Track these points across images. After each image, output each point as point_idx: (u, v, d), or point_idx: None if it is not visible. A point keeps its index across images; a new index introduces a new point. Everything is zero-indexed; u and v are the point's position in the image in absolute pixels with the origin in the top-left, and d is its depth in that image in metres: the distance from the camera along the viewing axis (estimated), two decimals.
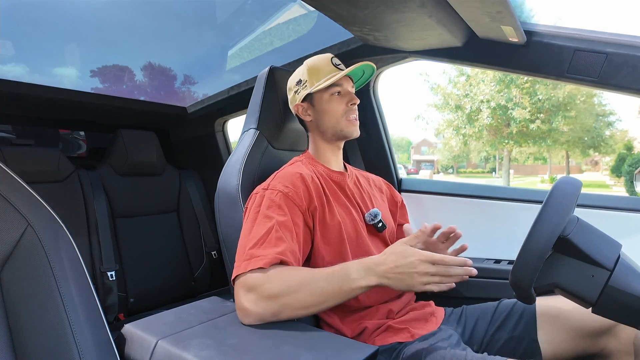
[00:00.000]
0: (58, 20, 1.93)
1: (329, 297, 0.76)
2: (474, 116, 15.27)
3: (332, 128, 1.02)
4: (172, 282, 1.94)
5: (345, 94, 1.02)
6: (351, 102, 1.01)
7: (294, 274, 0.77)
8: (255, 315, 0.77)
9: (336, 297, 0.76)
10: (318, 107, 1.03)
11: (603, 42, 1.04)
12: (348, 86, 1.03)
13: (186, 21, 2.22)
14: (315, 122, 1.05)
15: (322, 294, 0.75)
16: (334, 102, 1.01)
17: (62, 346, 0.64)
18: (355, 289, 0.75)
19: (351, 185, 1.06)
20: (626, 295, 0.66)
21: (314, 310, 0.77)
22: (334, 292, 0.75)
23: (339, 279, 0.76)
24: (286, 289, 0.75)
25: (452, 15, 1.07)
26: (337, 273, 0.77)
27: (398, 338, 0.91)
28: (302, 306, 0.76)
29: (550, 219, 0.69)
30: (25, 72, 1.91)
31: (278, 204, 0.87)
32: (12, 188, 0.69)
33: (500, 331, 0.99)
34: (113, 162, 1.90)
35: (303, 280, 0.76)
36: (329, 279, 0.76)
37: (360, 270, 0.76)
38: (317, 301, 0.75)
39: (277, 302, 0.75)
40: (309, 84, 1.03)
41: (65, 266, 0.68)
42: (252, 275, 0.77)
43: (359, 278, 0.75)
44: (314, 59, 1.05)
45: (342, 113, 1.01)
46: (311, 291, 0.75)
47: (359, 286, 0.75)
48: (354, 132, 1.03)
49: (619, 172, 15.40)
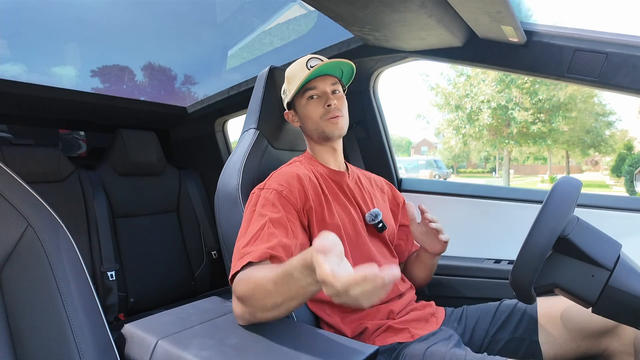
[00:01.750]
0: (57, 20, 1.93)
1: (285, 297, 0.68)
2: (474, 116, 15.27)
3: (315, 131, 1.02)
4: (172, 282, 1.94)
5: (321, 95, 1.00)
6: (327, 103, 0.99)
7: (254, 275, 0.73)
8: (240, 317, 0.76)
9: (292, 297, 0.67)
10: (300, 112, 1.04)
11: (603, 42, 1.04)
12: (325, 86, 1.00)
13: (186, 21, 2.22)
14: (302, 127, 1.06)
15: (277, 295, 0.68)
16: (311, 106, 1.00)
17: (62, 346, 0.64)
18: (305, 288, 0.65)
19: (352, 184, 1.06)
20: (626, 295, 0.66)
21: (280, 311, 0.70)
22: (285, 292, 0.67)
23: (286, 280, 0.66)
24: (247, 291, 0.72)
25: (452, 15, 1.07)
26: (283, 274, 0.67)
27: (398, 338, 0.91)
28: (265, 308, 0.71)
29: (550, 219, 0.69)
30: (24, 72, 1.90)
31: (272, 202, 0.88)
32: (12, 188, 0.69)
33: (501, 332, 0.98)
34: (113, 162, 1.90)
35: (257, 282, 0.70)
36: (277, 280, 0.67)
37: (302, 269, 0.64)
38: (275, 303, 0.69)
39: (246, 304, 0.74)
40: (287, 92, 1.04)
41: (65, 266, 0.68)
42: (238, 275, 0.78)
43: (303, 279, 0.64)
44: (292, 65, 1.04)
45: (319, 115, 0.99)
46: (263, 293, 0.70)
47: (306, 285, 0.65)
48: (335, 131, 1.00)
49: (619, 172, 15.39)
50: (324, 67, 0.96)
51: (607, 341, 0.88)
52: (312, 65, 0.99)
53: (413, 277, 1.13)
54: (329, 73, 1.01)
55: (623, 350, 0.86)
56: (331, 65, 0.97)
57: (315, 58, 1.01)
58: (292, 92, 1.00)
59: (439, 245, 1.03)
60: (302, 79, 0.97)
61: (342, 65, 0.99)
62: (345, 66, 1.00)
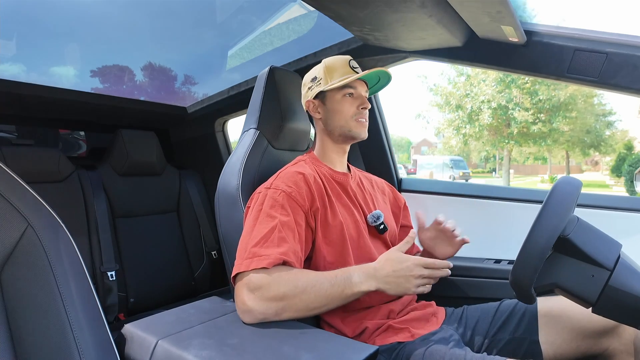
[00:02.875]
0: (57, 20, 1.92)
1: (332, 300, 0.79)
2: (475, 116, 15.27)
3: (340, 128, 1.02)
4: (172, 282, 1.94)
5: (357, 97, 1.02)
6: (362, 105, 1.01)
7: (300, 275, 0.80)
8: (259, 315, 0.77)
9: (338, 300, 0.80)
10: (329, 105, 1.03)
11: (603, 42, 1.04)
12: (362, 90, 1.03)
13: (186, 21, 2.22)
14: (325, 120, 1.05)
15: (326, 297, 0.78)
16: (346, 103, 1.01)
17: (62, 346, 0.64)
18: (355, 293, 0.80)
19: (354, 186, 1.06)
20: (626, 295, 0.66)
21: (315, 312, 0.80)
22: (336, 295, 0.79)
23: (342, 282, 0.80)
24: (292, 290, 0.77)
25: (452, 15, 1.07)
26: (340, 277, 0.80)
27: (398, 338, 0.91)
28: (306, 308, 0.78)
29: (550, 219, 0.69)
30: (22, 71, 1.90)
31: (281, 204, 0.87)
32: (12, 188, 0.69)
33: (501, 332, 0.98)
34: (113, 162, 1.90)
35: (309, 283, 0.78)
36: (333, 282, 0.79)
37: (361, 275, 0.81)
38: (320, 303, 0.79)
39: (281, 303, 0.77)
40: (323, 82, 1.03)
41: (65, 266, 0.68)
42: (256, 275, 0.78)
43: (360, 282, 0.80)
44: (333, 58, 1.05)
45: (352, 114, 1.01)
46: (316, 293, 0.78)
47: (359, 290, 0.80)
48: (362, 133, 1.03)
49: (619, 172, 15.40)
50: (374, 72, 1.01)
51: (607, 341, 0.88)
52: (354, 67, 1.03)
53: None
54: (369, 79, 1.06)
55: (623, 350, 0.86)
56: (378, 72, 1.02)
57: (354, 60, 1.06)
58: (333, 85, 1.00)
59: (450, 248, 1.05)
60: (347, 76, 1.00)
61: (383, 75, 1.06)
62: (384, 77, 1.07)
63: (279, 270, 0.79)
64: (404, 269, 0.81)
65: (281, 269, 0.79)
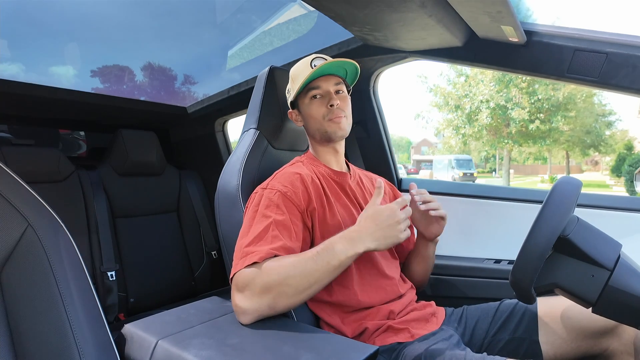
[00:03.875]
0: (56, 20, 1.92)
1: (320, 276, 0.77)
2: (474, 116, 15.27)
3: (317, 131, 1.02)
4: (172, 282, 1.94)
5: (324, 95, 0.99)
6: (329, 103, 0.98)
7: (282, 262, 0.78)
8: (253, 312, 0.77)
9: (326, 274, 0.78)
10: (303, 112, 1.03)
11: (603, 42, 1.04)
12: (328, 86, 0.99)
13: (186, 21, 2.22)
14: (305, 126, 1.06)
15: (312, 274, 0.77)
16: (314, 106, 1.00)
17: (63, 346, 0.64)
18: (343, 261, 0.78)
19: (353, 185, 1.06)
20: (626, 295, 0.66)
21: (308, 293, 0.78)
22: (322, 269, 0.77)
23: (325, 255, 0.78)
24: (277, 278, 0.76)
25: (452, 15, 1.07)
26: (323, 251, 0.79)
27: (398, 338, 0.90)
28: (296, 291, 0.77)
29: (550, 219, 0.69)
30: (21, 71, 1.90)
31: (276, 204, 0.87)
32: (12, 188, 0.69)
33: (501, 332, 0.98)
34: (113, 162, 1.90)
35: (291, 266, 0.77)
36: (316, 258, 0.78)
37: (344, 242, 0.79)
38: (309, 283, 0.77)
39: (271, 293, 0.76)
40: (291, 91, 1.04)
41: (65, 266, 0.68)
42: (241, 274, 0.78)
43: (344, 249, 0.78)
44: (296, 64, 1.04)
45: (322, 115, 0.99)
46: (301, 273, 0.76)
47: (346, 257, 0.78)
48: (338, 131, 1.00)
49: (619, 172, 15.40)
50: (327, 66, 0.95)
51: (607, 341, 0.88)
52: (316, 65, 0.98)
53: (412, 273, 1.13)
54: (333, 73, 1.00)
55: (623, 350, 0.86)
56: (335, 65, 0.97)
57: (319, 57, 1.01)
58: (295, 91, 1.00)
59: (435, 226, 1.04)
60: (305, 77, 0.96)
61: (346, 65, 0.99)
62: (349, 66, 0.99)
63: (265, 263, 0.78)
64: (385, 218, 0.80)
65: (264, 262, 0.78)
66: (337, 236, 0.81)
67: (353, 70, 1.02)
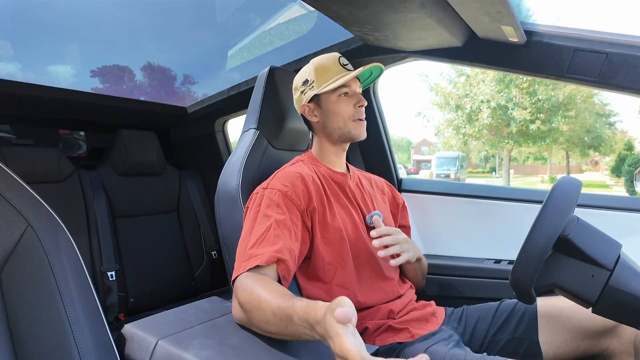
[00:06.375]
0: (54, 19, 1.92)
1: (279, 330, 0.66)
2: (474, 116, 15.27)
3: (339, 130, 1.01)
4: (172, 282, 1.94)
5: (353, 95, 1.00)
6: (359, 103, 0.99)
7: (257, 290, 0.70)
8: (239, 320, 0.76)
9: (286, 333, 0.66)
10: (325, 108, 1.01)
11: (603, 42, 1.04)
12: (356, 87, 1.01)
13: (186, 21, 2.22)
14: (322, 123, 1.03)
15: (273, 325, 0.66)
16: (342, 104, 0.99)
17: (62, 346, 0.64)
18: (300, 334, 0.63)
19: (353, 186, 1.06)
20: (626, 295, 0.66)
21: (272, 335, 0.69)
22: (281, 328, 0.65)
23: (284, 318, 0.64)
24: (247, 304, 0.70)
25: (452, 15, 1.07)
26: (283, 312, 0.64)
27: (398, 338, 0.91)
28: (261, 329, 0.69)
29: (550, 219, 0.69)
30: (19, 70, 1.90)
31: (277, 203, 0.87)
32: (12, 188, 0.69)
33: (501, 332, 0.99)
34: (113, 162, 1.90)
35: (259, 303, 0.68)
36: (276, 313, 0.65)
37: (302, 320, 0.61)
38: (269, 330, 0.68)
39: (245, 313, 0.72)
40: (315, 85, 1.00)
41: (65, 266, 0.68)
42: (240, 277, 0.77)
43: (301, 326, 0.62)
44: (321, 58, 1.03)
45: (349, 115, 0.99)
46: (263, 318, 0.67)
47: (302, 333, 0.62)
48: (362, 134, 1.01)
49: (619, 172, 15.41)
50: (368, 69, 0.98)
51: (607, 341, 0.88)
52: (344, 64, 1.01)
53: (409, 279, 1.13)
54: (362, 75, 1.03)
55: (623, 350, 0.86)
56: (369, 69, 0.99)
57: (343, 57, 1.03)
58: (329, 87, 0.97)
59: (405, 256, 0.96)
60: (340, 75, 0.98)
61: (375, 69, 1.02)
62: (377, 70, 1.03)
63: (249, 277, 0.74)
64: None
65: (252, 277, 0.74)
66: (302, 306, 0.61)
67: (375, 75, 1.07)
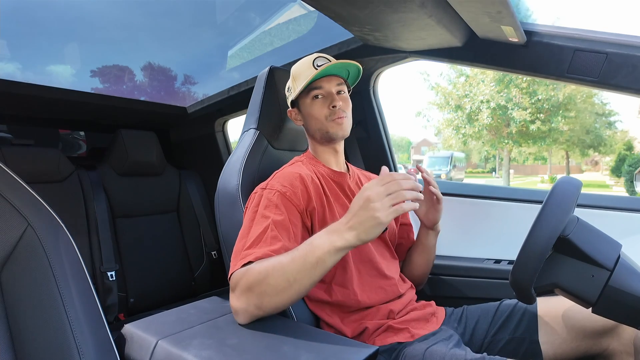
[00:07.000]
0: (56, 20, 1.92)
1: (297, 274, 0.71)
2: (474, 116, 15.27)
3: (319, 131, 1.01)
4: (172, 282, 1.94)
5: (327, 96, 0.99)
6: (332, 104, 0.98)
7: (265, 262, 0.75)
8: (242, 312, 0.76)
9: (304, 272, 0.70)
10: (303, 111, 1.03)
11: (603, 42, 1.04)
12: (331, 86, 0.99)
13: (186, 21, 2.22)
14: (305, 126, 1.05)
15: (291, 272, 0.71)
16: (316, 106, 0.99)
17: (62, 346, 0.64)
18: (320, 257, 0.70)
19: (352, 185, 1.06)
20: (626, 295, 0.66)
21: (290, 293, 0.72)
22: (300, 267, 0.70)
23: (303, 251, 0.71)
24: (258, 277, 0.73)
25: (452, 15, 1.07)
26: (302, 246, 0.73)
27: (398, 338, 0.91)
28: (276, 291, 0.72)
29: (550, 219, 0.69)
30: (18, 70, 1.90)
31: (275, 204, 0.87)
32: (12, 188, 0.69)
33: (501, 332, 0.99)
34: (113, 162, 1.90)
35: (272, 265, 0.73)
36: (294, 255, 0.72)
37: (322, 236, 0.71)
38: (287, 282, 0.71)
39: (254, 292, 0.74)
40: (292, 90, 1.03)
41: (65, 266, 0.68)
42: (235, 274, 0.78)
43: (322, 244, 0.70)
44: (298, 62, 1.03)
45: (325, 115, 0.99)
46: (279, 273, 0.71)
47: (323, 252, 0.70)
48: (339, 132, 0.99)
49: (619, 172, 15.42)
50: (331, 67, 0.95)
51: (607, 341, 0.88)
52: (319, 65, 0.98)
53: (413, 265, 1.13)
54: (336, 74, 1.00)
55: (623, 350, 0.86)
56: (338, 66, 0.96)
57: (322, 57, 1.01)
58: (298, 91, 0.99)
59: (432, 212, 1.07)
60: (309, 78, 0.96)
61: (349, 67, 0.99)
62: (352, 67, 0.99)
63: (255, 263, 0.77)
64: (360, 204, 0.69)
65: (257, 262, 0.76)
66: (320, 232, 0.75)
67: (355, 71, 1.02)
